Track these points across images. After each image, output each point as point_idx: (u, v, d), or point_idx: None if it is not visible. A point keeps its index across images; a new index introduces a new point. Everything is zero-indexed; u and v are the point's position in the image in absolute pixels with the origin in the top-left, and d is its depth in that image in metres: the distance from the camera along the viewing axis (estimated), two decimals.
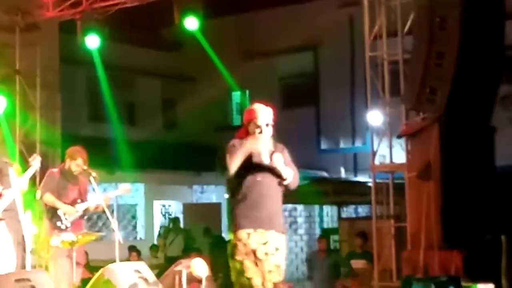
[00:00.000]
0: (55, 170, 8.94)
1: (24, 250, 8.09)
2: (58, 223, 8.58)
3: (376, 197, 11.41)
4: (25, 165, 10.25)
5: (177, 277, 8.93)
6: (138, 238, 19.46)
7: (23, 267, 8.10)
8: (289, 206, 20.81)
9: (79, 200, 8.73)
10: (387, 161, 11.60)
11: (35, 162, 8.47)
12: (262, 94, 20.55)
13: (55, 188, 8.65)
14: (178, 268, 9.03)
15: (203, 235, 17.02)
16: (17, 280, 6.70)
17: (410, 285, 8.87)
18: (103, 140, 16.62)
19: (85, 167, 8.66)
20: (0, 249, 8.04)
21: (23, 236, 8.00)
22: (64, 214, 8.61)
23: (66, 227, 8.58)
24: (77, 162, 8.68)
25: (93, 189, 8.72)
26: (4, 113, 12.46)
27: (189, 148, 19.43)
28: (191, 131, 20.17)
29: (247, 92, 22.01)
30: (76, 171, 8.71)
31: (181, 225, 17.98)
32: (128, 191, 9.15)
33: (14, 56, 12.94)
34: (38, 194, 8.69)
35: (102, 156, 12.50)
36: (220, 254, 14.96)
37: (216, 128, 20.79)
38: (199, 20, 12.25)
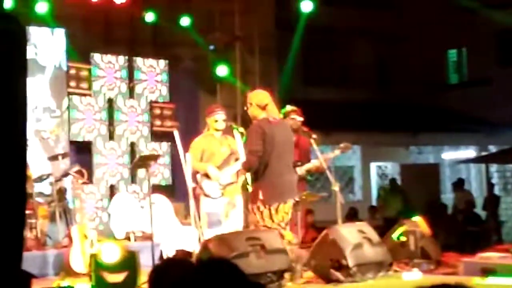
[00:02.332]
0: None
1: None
2: None
3: None
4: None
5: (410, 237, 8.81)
6: (355, 200, 19.54)
7: (247, 226, 8.38)
8: (510, 166, 20.01)
9: (299, 162, 8.89)
10: None
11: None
12: (479, 52, 19.85)
13: None
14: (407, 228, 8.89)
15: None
16: (248, 239, 6.92)
17: None
18: (318, 103, 16.74)
19: (304, 128, 8.79)
20: (232, 209, 8.39)
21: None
22: None
23: None
24: (291, 117, 8.86)
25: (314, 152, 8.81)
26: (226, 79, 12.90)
27: (405, 108, 19.15)
28: (406, 91, 19.85)
29: (464, 49, 21.31)
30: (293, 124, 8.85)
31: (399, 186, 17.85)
32: (349, 148, 9.08)
33: (233, 23, 13.32)
34: None
35: (318, 119, 12.61)
36: (438, 215, 14.76)
37: (432, 88, 20.33)
38: None
